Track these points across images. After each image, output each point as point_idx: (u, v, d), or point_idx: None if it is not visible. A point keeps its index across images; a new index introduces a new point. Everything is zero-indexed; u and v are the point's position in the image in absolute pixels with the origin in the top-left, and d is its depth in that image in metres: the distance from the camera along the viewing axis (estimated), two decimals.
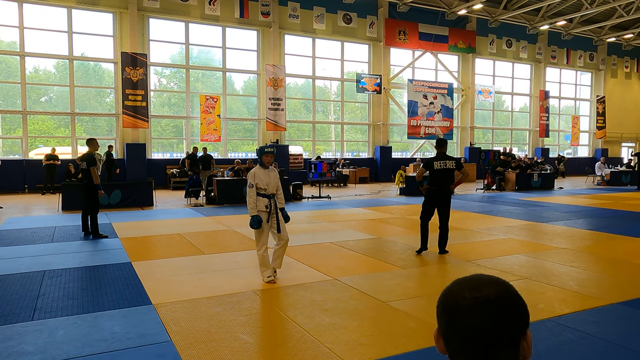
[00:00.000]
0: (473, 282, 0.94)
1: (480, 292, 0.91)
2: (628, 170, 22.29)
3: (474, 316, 0.89)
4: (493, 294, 0.91)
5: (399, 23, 22.61)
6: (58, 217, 10.72)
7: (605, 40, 28.85)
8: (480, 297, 0.90)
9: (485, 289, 0.92)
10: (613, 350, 3.70)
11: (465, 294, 0.92)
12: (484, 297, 0.91)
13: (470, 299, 0.91)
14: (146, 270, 6.06)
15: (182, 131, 20.24)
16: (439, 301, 0.97)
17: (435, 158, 7.09)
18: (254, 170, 5.58)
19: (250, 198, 5.49)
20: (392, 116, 23.77)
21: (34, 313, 4.45)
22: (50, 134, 18.57)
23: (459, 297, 0.92)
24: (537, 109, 27.33)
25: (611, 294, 5.13)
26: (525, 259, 6.77)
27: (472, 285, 0.93)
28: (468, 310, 0.90)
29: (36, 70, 18.35)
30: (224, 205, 13.08)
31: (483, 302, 0.90)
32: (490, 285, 0.93)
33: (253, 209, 5.47)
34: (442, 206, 7.10)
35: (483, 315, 0.89)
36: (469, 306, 0.90)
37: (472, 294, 0.91)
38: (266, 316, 4.50)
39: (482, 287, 0.92)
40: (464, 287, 0.93)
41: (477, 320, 0.89)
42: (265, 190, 5.52)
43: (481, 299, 0.90)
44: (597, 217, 11.15)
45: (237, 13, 19.30)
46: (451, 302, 0.93)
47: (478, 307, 0.90)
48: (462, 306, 0.91)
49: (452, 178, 7.12)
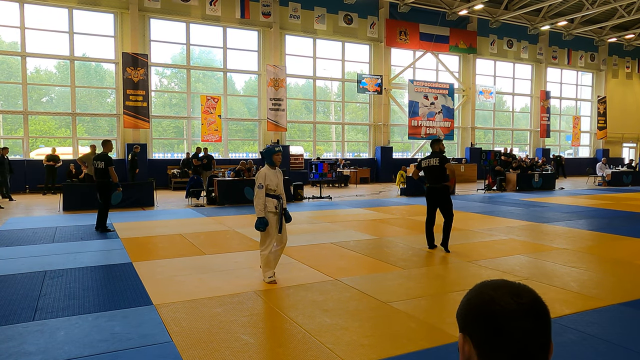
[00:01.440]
0: (510, 288, 0.93)
1: (522, 299, 0.91)
2: (629, 171, 22.26)
3: (523, 322, 0.89)
4: (530, 300, 0.92)
5: (400, 23, 22.61)
6: (59, 218, 10.73)
7: (606, 40, 28.82)
8: (524, 303, 0.90)
9: (524, 295, 0.92)
10: (614, 351, 3.69)
11: (509, 300, 0.90)
12: (527, 303, 0.91)
13: (515, 305, 0.90)
14: (147, 270, 6.06)
15: (183, 131, 20.25)
16: (475, 307, 0.93)
17: (426, 157, 7.42)
18: (264, 171, 5.47)
19: (259, 199, 5.37)
20: (393, 116, 23.77)
21: (35, 313, 4.46)
22: (51, 134, 18.59)
23: (503, 304, 0.90)
24: (538, 109, 27.32)
25: (612, 294, 5.12)
26: (527, 260, 6.77)
27: (510, 291, 0.92)
28: (515, 317, 0.89)
29: (37, 70, 18.38)
30: (225, 205, 13.09)
31: (528, 308, 0.90)
32: (526, 291, 0.93)
33: (261, 211, 5.37)
34: (441, 205, 7.28)
35: (531, 321, 0.89)
36: (516, 312, 0.89)
37: (515, 300, 0.90)
38: (267, 316, 4.50)
39: (522, 294, 0.92)
40: (503, 293, 0.92)
41: (526, 326, 0.89)
42: (274, 191, 5.48)
43: (526, 305, 0.90)
44: (599, 217, 11.14)
45: (238, 13, 19.31)
46: (493, 309, 0.90)
47: (524, 313, 0.89)
48: (509, 313, 0.89)
49: (442, 176, 7.23)
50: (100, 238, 8.30)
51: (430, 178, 7.30)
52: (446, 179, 7.23)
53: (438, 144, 7.40)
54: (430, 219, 7.41)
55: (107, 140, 9.16)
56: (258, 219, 5.38)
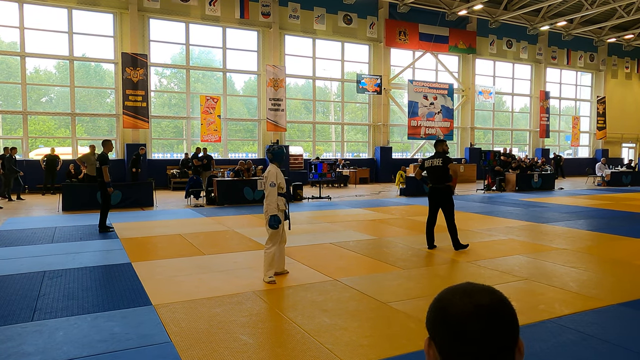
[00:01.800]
0: (470, 291, 0.92)
1: (480, 301, 0.90)
2: (628, 171, 22.28)
3: (478, 324, 0.88)
4: (489, 301, 0.90)
5: (399, 23, 22.61)
6: (58, 218, 10.72)
7: (605, 40, 28.84)
8: (482, 305, 0.89)
9: (482, 297, 0.91)
10: (613, 351, 3.69)
11: (465, 303, 0.90)
12: (485, 305, 0.89)
13: (472, 307, 0.89)
14: (146, 270, 6.06)
15: (183, 132, 20.25)
16: (435, 311, 0.94)
17: (429, 157, 7.49)
18: (275, 170, 5.56)
19: (272, 197, 5.43)
20: (393, 117, 23.77)
21: (34, 314, 4.45)
22: (50, 134, 18.58)
23: (460, 306, 0.90)
24: (538, 109, 27.33)
25: (612, 294, 5.12)
26: (526, 260, 6.77)
27: (468, 293, 0.91)
28: (470, 319, 0.88)
29: (37, 70, 18.37)
30: (224, 205, 13.08)
31: (485, 310, 0.89)
32: (486, 293, 0.92)
33: (275, 209, 5.42)
34: (442, 205, 7.32)
35: (487, 322, 0.88)
36: (472, 314, 0.88)
37: (472, 302, 0.90)
38: (266, 317, 4.50)
39: (480, 296, 0.91)
40: (462, 296, 0.91)
41: (482, 328, 0.87)
42: (282, 189, 5.60)
43: (483, 307, 0.89)
44: (598, 217, 11.14)
45: (238, 14, 19.31)
46: (450, 312, 0.90)
47: (481, 315, 0.88)
48: (464, 315, 0.88)
49: (445, 176, 7.26)
50: (100, 238, 8.30)
51: (432, 178, 7.35)
52: (449, 180, 7.26)
53: (442, 144, 7.46)
54: (431, 219, 7.46)
55: (106, 140, 9.19)
56: (272, 217, 5.40)
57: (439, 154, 7.37)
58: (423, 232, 8.90)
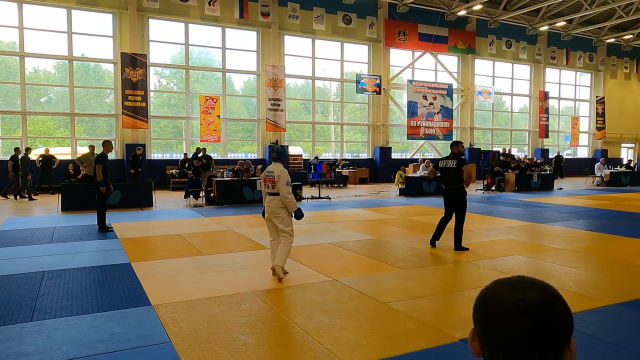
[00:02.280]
0: (515, 284, 0.91)
1: (523, 295, 0.88)
2: (627, 171, 22.30)
3: (516, 320, 0.86)
4: (537, 297, 0.88)
5: (399, 24, 22.62)
6: (57, 218, 10.72)
7: (604, 41, 28.86)
8: (524, 299, 0.87)
9: (529, 292, 0.88)
10: (613, 352, 3.69)
11: (507, 296, 0.88)
12: (528, 300, 0.87)
13: (513, 301, 0.87)
14: (146, 271, 6.05)
15: (182, 132, 20.24)
16: (479, 300, 0.93)
17: (444, 157, 7.58)
18: (285, 169, 5.90)
19: (291, 194, 5.84)
20: (392, 117, 23.78)
21: (33, 314, 4.45)
22: (49, 134, 18.57)
23: (501, 299, 0.89)
24: (537, 109, 27.35)
25: (611, 295, 5.13)
26: (525, 260, 6.77)
27: (514, 287, 0.90)
28: (510, 313, 0.87)
29: (36, 70, 18.36)
30: (223, 206, 13.08)
31: (526, 305, 0.87)
32: (534, 287, 0.89)
33: (296, 204, 5.83)
34: (454, 206, 7.39)
35: (526, 319, 0.86)
36: (512, 309, 0.87)
37: (514, 295, 0.88)
38: (266, 317, 4.49)
39: (525, 290, 0.89)
40: (505, 288, 0.90)
41: (519, 324, 0.86)
42: None
43: (524, 302, 0.87)
44: (597, 217, 11.15)
45: (237, 14, 19.30)
46: (492, 303, 0.89)
47: (521, 311, 0.86)
48: (504, 308, 0.87)
49: (458, 178, 7.30)
50: (99, 238, 8.29)
51: (445, 179, 7.40)
52: (462, 181, 7.30)
53: (457, 146, 7.50)
54: (445, 217, 7.55)
55: (106, 141, 9.21)
56: (299, 209, 5.82)
57: (453, 155, 7.42)
58: (422, 232, 8.93)
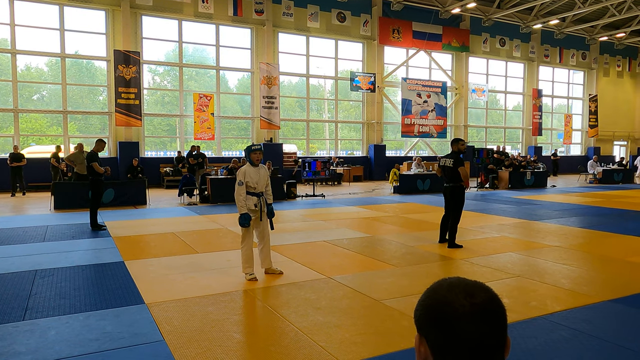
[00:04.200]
0: (463, 287, 0.91)
1: (476, 299, 0.89)
2: (620, 169, 22.45)
3: (476, 323, 0.87)
4: (484, 299, 0.90)
5: (393, 21, 22.62)
6: (50, 217, 10.65)
7: (597, 39, 29.01)
8: (478, 304, 0.89)
9: (478, 295, 0.90)
10: (605, 348, 3.72)
11: (462, 301, 0.89)
12: (481, 303, 0.89)
13: (468, 306, 0.88)
14: (139, 269, 6.03)
15: (176, 129, 20.15)
16: (429, 308, 0.92)
17: (444, 155, 7.68)
18: (245, 168, 5.62)
19: (240, 196, 5.50)
20: (386, 114, 23.80)
21: (25, 313, 4.41)
22: (42, 132, 18.44)
23: (456, 305, 0.89)
24: (530, 107, 27.46)
25: (603, 291, 5.16)
26: (518, 257, 6.80)
27: (465, 291, 0.90)
28: (469, 318, 0.87)
29: (28, 68, 18.20)
30: (217, 204, 13.05)
31: (481, 308, 0.88)
32: (480, 290, 0.91)
33: (242, 207, 5.50)
34: (450, 202, 7.53)
35: (485, 321, 0.88)
36: (469, 313, 0.87)
37: (468, 300, 0.89)
38: (259, 315, 4.49)
39: (475, 293, 0.90)
40: (458, 294, 0.90)
41: (480, 328, 0.87)
42: (254, 189, 5.61)
43: (479, 306, 0.88)
44: (590, 215, 11.22)
45: (231, 11, 19.23)
46: (446, 310, 0.89)
47: (478, 314, 0.88)
48: (462, 314, 0.88)
49: (455, 176, 7.41)
50: (92, 237, 8.25)
51: (445, 177, 7.55)
52: (460, 180, 7.38)
53: (456, 144, 7.55)
54: (445, 215, 7.69)
55: (99, 140, 9.23)
56: (241, 215, 5.48)
57: (452, 153, 7.52)
58: (416, 230, 8.98)
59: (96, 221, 9.03)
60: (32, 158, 16.11)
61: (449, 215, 7.59)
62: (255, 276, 5.52)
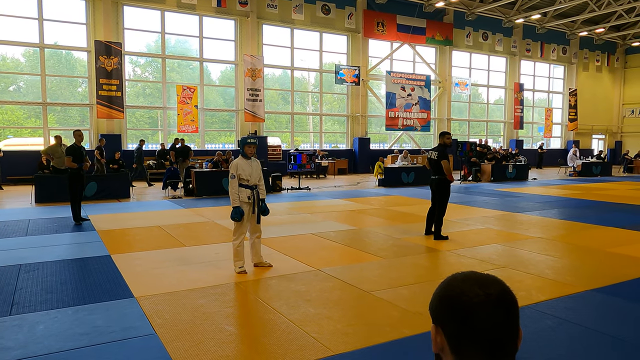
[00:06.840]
0: (478, 280, 0.96)
1: (490, 290, 0.94)
2: (598, 162, 22.94)
3: (491, 313, 0.91)
4: (500, 290, 0.95)
5: (378, 14, 22.63)
6: (32, 210, 10.45)
7: (577, 34, 29.48)
8: (492, 294, 0.93)
9: (492, 286, 0.94)
10: (588, 335, 3.83)
11: (477, 292, 0.93)
12: (495, 294, 0.93)
13: (483, 296, 0.92)
14: (126, 263, 5.97)
15: (158, 122, 19.90)
16: (445, 299, 0.96)
17: (432, 148, 7.86)
18: (237, 161, 5.59)
19: (232, 189, 5.47)
20: (371, 108, 23.86)
21: (11, 308, 4.35)
22: (20, 124, 18.03)
23: (471, 295, 0.93)
24: (512, 101, 27.83)
25: (585, 281, 5.30)
26: (503, 248, 6.93)
27: (477, 282, 0.95)
28: (484, 308, 0.92)
29: (4, 58, 17.74)
30: (202, 197, 12.96)
31: (496, 299, 0.93)
32: (494, 283, 0.96)
33: (235, 201, 5.47)
34: (435, 194, 7.65)
35: (500, 311, 0.92)
36: (484, 303, 0.92)
37: (483, 291, 0.93)
38: (251, 307, 4.50)
39: (489, 285, 0.95)
40: (472, 285, 0.94)
41: (495, 317, 0.91)
42: (247, 182, 5.57)
43: (493, 296, 0.93)
44: (570, 207, 11.46)
45: (215, 2, 18.99)
46: (462, 300, 0.93)
47: (493, 304, 0.92)
48: (477, 304, 0.92)
49: (439, 168, 7.54)
50: (75, 230, 8.13)
51: (431, 169, 7.69)
52: (441, 172, 7.50)
53: (442, 137, 7.68)
54: (432, 207, 7.77)
55: (76, 131, 9.06)
56: (233, 209, 5.45)
57: (438, 146, 7.64)
58: (402, 222, 9.07)
59: (79, 214, 8.88)
60: (9, 151, 15.78)
61: (434, 207, 7.69)
62: (244, 269, 5.52)
